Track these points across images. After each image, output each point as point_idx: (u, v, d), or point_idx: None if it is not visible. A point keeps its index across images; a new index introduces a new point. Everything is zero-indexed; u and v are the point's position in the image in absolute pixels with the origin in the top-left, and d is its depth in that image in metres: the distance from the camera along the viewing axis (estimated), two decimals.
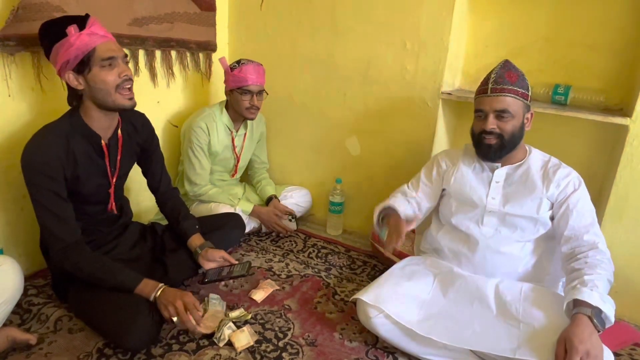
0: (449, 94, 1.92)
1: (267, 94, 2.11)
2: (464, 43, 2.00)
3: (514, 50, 1.90)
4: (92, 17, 1.37)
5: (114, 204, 1.62)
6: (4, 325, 1.41)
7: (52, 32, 1.35)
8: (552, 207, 1.47)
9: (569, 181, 1.46)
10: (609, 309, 1.24)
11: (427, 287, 1.49)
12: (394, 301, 1.41)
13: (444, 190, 1.67)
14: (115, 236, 1.65)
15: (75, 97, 1.43)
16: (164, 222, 1.93)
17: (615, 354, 1.51)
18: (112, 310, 1.39)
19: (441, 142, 2.07)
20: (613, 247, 1.67)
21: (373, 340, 1.52)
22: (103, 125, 1.48)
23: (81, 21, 1.34)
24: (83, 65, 1.35)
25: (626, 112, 1.65)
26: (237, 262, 1.75)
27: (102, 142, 1.49)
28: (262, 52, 2.31)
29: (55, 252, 1.41)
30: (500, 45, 1.93)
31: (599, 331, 1.22)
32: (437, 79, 1.92)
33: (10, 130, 1.61)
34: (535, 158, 1.53)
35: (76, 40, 1.32)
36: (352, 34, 2.08)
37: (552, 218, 1.48)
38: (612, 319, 1.25)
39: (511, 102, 1.42)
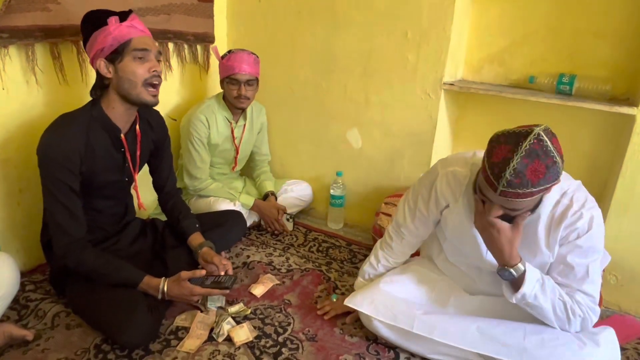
0: (451, 84, 1.89)
1: (258, 83, 2.06)
2: (466, 32, 1.96)
3: (517, 39, 1.86)
4: (133, 13, 1.41)
5: (140, 200, 1.63)
6: (1, 321, 1.40)
7: (94, 19, 1.37)
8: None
9: (574, 230, 1.18)
10: (531, 278, 1.17)
11: (427, 294, 1.45)
12: (392, 306, 1.38)
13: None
14: (116, 232, 1.64)
15: (100, 87, 1.43)
16: (163, 217, 1.91)
17: (621, 348, 1.49)
18: (110, 307, 1.37)
19: (443, 133, 2.04)
20: (618, 240, 1.66)
21: (374, 335, 1.50)
22: (123, 118, 1.48)
23: (123, 15, 1.38)
24: (116, 54, 1.36)
25: (633, 101, 1.61)
26: (224, 274, 1.57)
27: (122, 135, 1.48)
28: (261, 43, 2.28)
29: (60, 247, 1.40)
30: (503, 34, 1.89)
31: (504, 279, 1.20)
32: (439, 69, 1.89)
33: (4, 124, 1.59)
34: (547, 201, 1.20)
35: (115, 30, 1.34)
36: (353, 24, 2.04)
37: None
38: (527, 291, 1.17)
39: (527, 203, 1.11)
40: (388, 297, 1.41)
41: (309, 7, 2.14)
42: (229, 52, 2.00)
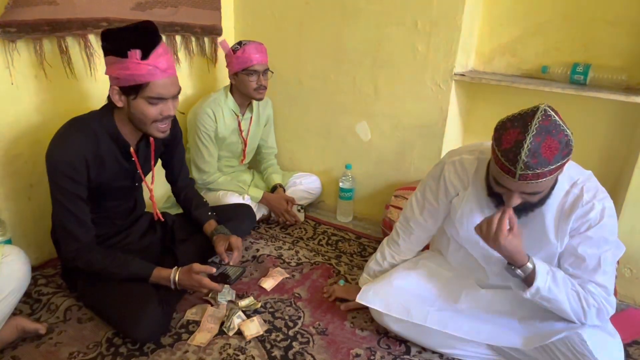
0: (462, 75, 1.85)
1: (272, 72, 2.06)
2: (477, 21, 1.92)
3: (530, 29, 1.83)
4: (161, 46, 1.29)
5: (157, 211, 1.66)
6: (14, 314, 1.41)
7: (114, 43, 1.28)
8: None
9: (585, 221, 1.17)
10: (542, 271, 1.15)
11: (439, 289, 1.42)
12: (404, 301, 1.37)
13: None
14: (126, 227, 1.64)
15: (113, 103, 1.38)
16: (173, 211, 1.91)
17: (636, 342, 1.48)
18: (121, 301, 1.38)
19: (454, 125, 2.01)
20: (634, 232, 1.63)
21: (384, 329, 1.49)
22: (133, 135, 1.45)
23: (149, 44, 1.27)
24: (131, 90, 1.30)
25: None
26: (232, 265, 1.58)
27: (131, 149, 1.45)
28: (269, 35, 2.25)
29: (70, 252, 1.41)
30: (515, 23, 1.85)
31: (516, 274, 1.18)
32: (450, 60, 1.85)
33: (14, 119, 1.59)
34: (557, 191, 1.18)
35: (134, 67, 1.25)
36: (361, 14, 2.01)
37: None
38: (541, 285, 1.15)
39: (546, 183, 1.07)
40: (400, 293, 1.40)
41: None
42: (240, 44, 1.97)
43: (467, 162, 1.32)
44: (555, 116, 1.04)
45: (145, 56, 1.26)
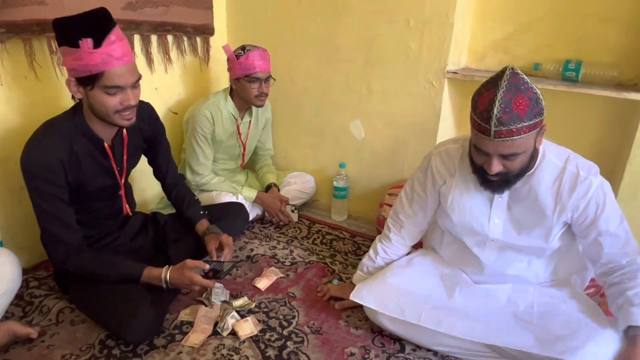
0: (455, 72, 1.85)
1: (275, 79, 2.05)
2: (470, 19, 1.92)
3: (522, 26, 1.83)
4: (113, 32, 1.23)
5: (127, 206, 1.60)
6: (6, 318, 1.40)
7: (64, 34, 1.24)
8: (566, 226, 1.28)
9: (590, 199, 1.20)
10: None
11: (433, 286, 1.42)
12: (398, 300, 1.37)
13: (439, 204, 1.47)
14: (117, 227, 1.62)
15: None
16: (166, 211, 1.90)
17: None
18: (114, 303, 1.37)
19: (447, 123, 2.01)
20: None
21: (379, 327, 1.49)
22: (105, 130, 1.42)
23: (100, 32, 1.21)
24: (87, 81, 1.25)
25: None
26: (223, 261, 1.60)
27: (105, 144, 1.43)
28: (262, 35, 2.25)
29: (59, 254, 1.39)
30: (507, 20, 1.86)
31: None
32: (442, 58, 1.85)
33: (3, 120, 1.58)
34: (548, 167, 1.23)
35: (87, 57, 1.20)
36: (354, 13, 2.01)
37: (570, 226, 1.29)
38: None
39: (521, 143, 1.11)
40: (395, 291, 1.40)
41: None
42: (244, 49, 1.94)
43: (453, 150, 1.38)
44: (523, 75, 1.11)
45: (97, 44, 1.20)
